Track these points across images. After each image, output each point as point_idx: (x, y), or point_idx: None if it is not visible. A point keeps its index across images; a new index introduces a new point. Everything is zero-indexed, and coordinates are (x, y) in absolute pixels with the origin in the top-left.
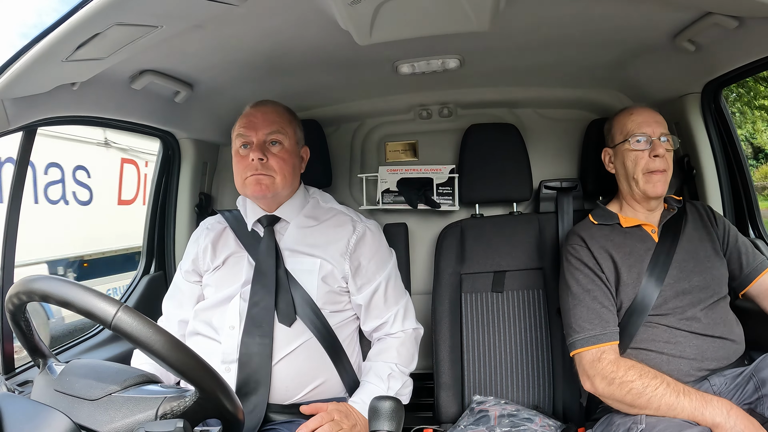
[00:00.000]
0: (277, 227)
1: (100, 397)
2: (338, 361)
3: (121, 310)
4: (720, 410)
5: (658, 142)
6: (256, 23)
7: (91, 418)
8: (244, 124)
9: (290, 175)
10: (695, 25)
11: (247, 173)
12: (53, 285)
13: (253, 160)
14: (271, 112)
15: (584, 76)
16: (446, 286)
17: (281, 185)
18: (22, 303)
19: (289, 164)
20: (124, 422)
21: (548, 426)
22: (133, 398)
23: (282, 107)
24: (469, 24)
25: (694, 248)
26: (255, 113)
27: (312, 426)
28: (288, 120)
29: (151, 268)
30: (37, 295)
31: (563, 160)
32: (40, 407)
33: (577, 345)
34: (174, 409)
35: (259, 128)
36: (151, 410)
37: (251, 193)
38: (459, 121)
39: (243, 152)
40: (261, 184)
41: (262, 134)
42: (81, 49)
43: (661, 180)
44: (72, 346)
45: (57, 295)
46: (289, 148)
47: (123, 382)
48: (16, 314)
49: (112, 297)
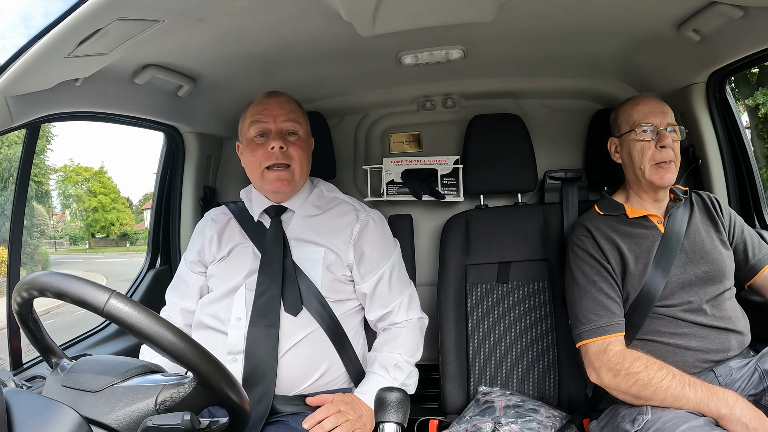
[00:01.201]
0: (282, 217)
1: (103, 388)
2: (343, 352)
3: (112, 296)
4: (725, 401)
5: (665, 133)
6: (257, 16)
7: (93, 409)
8: (260, 111)
9: (306, 165)
10: (700, 15)
11: (266, 163)
12: (49, 278)
13: (273, 149)
14: (286, 102)
15: (588, 66)
16: (451, 277)
17: (299, 176)
18: (24, 301)
19: (306, 153)
20: (124, 411)
21: (553, 417)
22: (133, 387)
23: (293, 98)
24: (473, 14)
25: (701, 239)
26: (270, 102)
27: (318, 417)
28: (302, 111)
29: (157, 261)
30: (36, 290)
31: (568, 151)
32: (47, 402)
33: (583, 336)
34: (173, 396)
35: (277, 116)
36: (150, 398)
37: (272, 188)
38: (463, 112)
39: (259, 140)
40: (282, 180)
41: (280, 122)
42: (83, 45)
43: (668, 170)
44: (79, 340)
45: (53, 287)
46: (304, 138)
47: (125, 373)
48: (23, 314)
49: (104, 285)
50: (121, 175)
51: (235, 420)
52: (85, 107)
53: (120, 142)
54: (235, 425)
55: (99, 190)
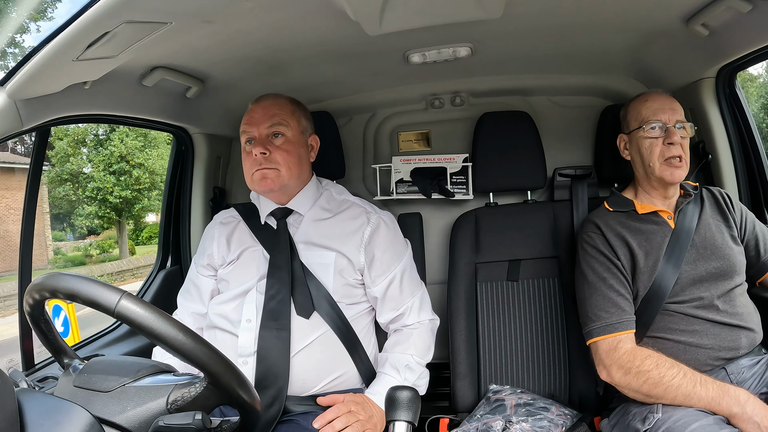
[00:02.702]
0: (290, 220)
1: (114, 388)
2: (355, 353)
3: (123, 297)
4: (737, 399)
5: (673, 129)
6: (264, 16)
7: (105, 409)
8: (246, 121)
9: (296, 166)
10: (708, 9)
11: (253, 168)
12: (60, 279)
13: (256, 156)
14: (270, 105)
15: (597, 62)
16: (461, 275)
17: (287, 177)
18: (36, 302)
19: (293, 155)
20: (135, 411)
21: (564, 415)
22: (145, 387)
23: (284, 99)
24: (481, 11)
25: (711, 234)
26: (255, 108)
27: (329, 417)
28: (290, 111)
29: (167, 263)
30: (47, 292)
31: (577, 148)
32: (59, 402)
33: (594, 334)
34: (184, 396)
35: (259, 123)
36: (162, 398)
37: (259, 188)
38: (471, 110)
39: (248, 148)
40: (266, 178)
41: (263, 128)
42: (91, 49)
43: (678, 167)
44: (91, 341)
45: (64, 288)
46: (293, 138)
47: (136, 373)
48: (34, 315)
49: (115, 286)
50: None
51: (247, 419)
52: (94, 110)
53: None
54: (246, 424)
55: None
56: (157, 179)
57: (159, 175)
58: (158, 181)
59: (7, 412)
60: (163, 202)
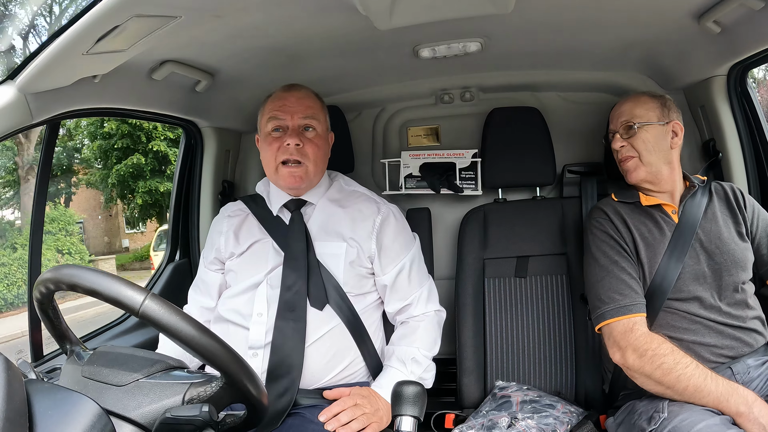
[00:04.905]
0: (302, 210)
1: (128, 383)
2: (363, 346)
3: (148, 298)
4: (745, 399)
5: (617, 136)
6: (274, 10)
7: (119, 404)
8: (278, 107)
9: (321, 162)
10: (721, 6)
11: (280, 158)
12: (81, 274)
13: (288, 145)
14: (305, 96)
15: (607, 58)
16: (469, 271)
17: (314, 173)
18: (49, 291)
19: (322, 150)
20: (151, 407)
21: (570, 412)
22: (160, 384)
23: (313, 92)
24: (491, 6)
25: (717, 229)
26: (288, 96)
27: (335, 410)
28: (320, 106)
29: (176, 255)
30: (65, 284)
31: (587, 144)
32: (68, 393)
33: (607, 316)
34: (200, 395)
35: (294, 112)
36: (178, 395)
37: (285, 184)
38: (481, 105)
39: (276, 135)
40: (294, 176)
41: (297, 118)
42: (101, 42)
43: (630, 167)
44: (99, 333)
45: (85, 284)
46: (322, 134)
47: (150, 368)
48: (43, 303)
49: (138, 285)
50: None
51: (253, 415)
52: (104, 103)
53: None
54: (251, 420)
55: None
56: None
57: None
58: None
59: (15, 403)
60: (173, 195)
